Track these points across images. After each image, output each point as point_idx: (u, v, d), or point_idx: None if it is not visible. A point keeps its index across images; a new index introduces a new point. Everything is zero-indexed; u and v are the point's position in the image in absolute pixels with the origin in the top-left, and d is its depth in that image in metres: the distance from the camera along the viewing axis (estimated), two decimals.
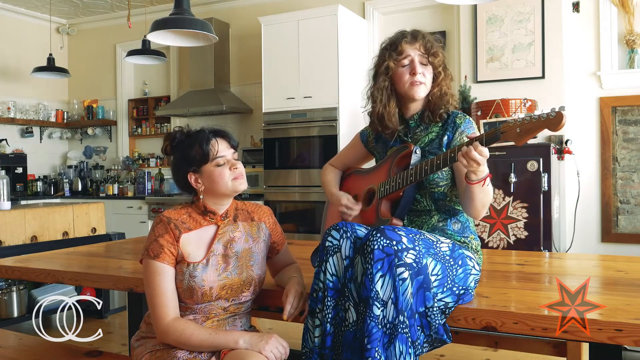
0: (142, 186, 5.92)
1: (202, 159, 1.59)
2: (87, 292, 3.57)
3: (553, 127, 1.37)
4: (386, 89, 1.78)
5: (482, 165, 1.49)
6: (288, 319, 1.58)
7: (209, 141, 1.60)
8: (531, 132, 1.41)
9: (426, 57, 1.73)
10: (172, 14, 3.10)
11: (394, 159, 1.74)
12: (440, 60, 1.75)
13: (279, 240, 1.78)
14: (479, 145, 1.46)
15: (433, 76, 1.75)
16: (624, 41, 4.04)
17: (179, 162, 1.63)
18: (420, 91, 1.73)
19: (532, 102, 3.83)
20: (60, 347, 2.06)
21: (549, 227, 3.56)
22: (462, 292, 1.52)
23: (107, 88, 6.56)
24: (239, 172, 1.62)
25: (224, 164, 1.61)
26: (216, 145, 1.60)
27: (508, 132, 1.44)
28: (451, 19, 4.60)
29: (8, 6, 6.08)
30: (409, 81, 1.73)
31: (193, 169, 1.61)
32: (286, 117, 4.71)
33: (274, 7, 5.36)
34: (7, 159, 5.81)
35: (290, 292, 1.60)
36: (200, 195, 1.63)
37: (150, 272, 1.55)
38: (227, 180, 1.60)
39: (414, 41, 1.74)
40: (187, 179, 1.62)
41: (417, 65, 1.72)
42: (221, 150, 1.61)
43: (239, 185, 1.63)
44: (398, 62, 1.75)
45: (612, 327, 1.26)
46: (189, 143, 1.61)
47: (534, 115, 1.40)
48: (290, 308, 1.57)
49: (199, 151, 1.59)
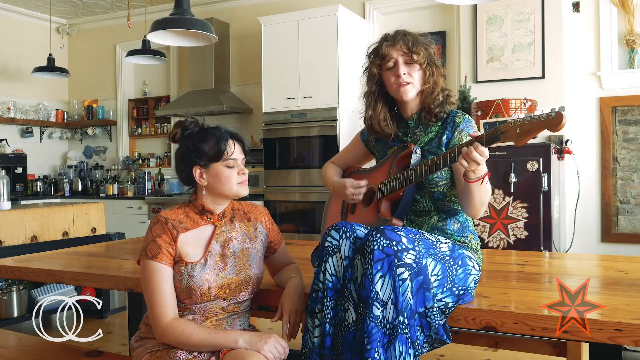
0: (142, 186, 5.92)
1: (215, 156, 1.58)
2: (87, 292, 3.56)
3: (553, 127, 1.37)
4: (373, 94, 1.79)
5: (481, 165, 1.50)
6: (288, 339, 1.59)
7: (226, 140, 1.59)
8: (531, 132, 1.40)
9: (410, 55, 1.71)
10: (172, 14, 3.10)
11: (394, 159, 1.74)
12: (423, 56, 1.71)
13: (276, 239, 1.78)
14: (479, 146, 1.46)
15: (421, 74, 1.73)
16: (624, 41, 4.04)
17: (188, 153, 1.61)
18: (408, 92, 1.72)
19: (532, 102, 3.83)
20: (60, 347, 2.06)
21: (549, 227, 3.56)
22: (462, 292, 1.52)
23: (107, 88, 6.56)
24: (245, 178, 1.63)
25: (234, 166, 1.61)
26: (233, 146, 1.60)
27: (508, 132, 1.44)
28: (451, 19, 4.60)
29: (8, 6, 6.08)
30: (395, 83, 1.73)
31: (202, 164, 1.60)
32: (286, 117, 4.71)
33: (274, 7, 5.36)
34: (7, 159, 5.82)
35: (285, 309, 1.60)
36: (203, 192, 1.62)
37: (148, 273, 1.54)
38: (233, 184, 1.60)
39: (395, 42, 1.72)
40: (192, 171, 1.60)
41: (401, 67, 1.71)
42: (235, 153, 1.61)
43: (243, 191, 1.63)
44: (383, 67, 1.75)
45: (612, 327, 1.26)
46: (202, 136, 1.60)
47: (534, 116, 1.39)
48: (289, 327, 1.58)
49: (214, 147, 1.58)
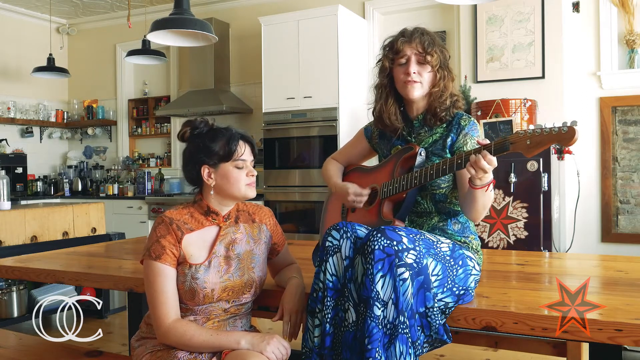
0: (142, 186, 5.92)
1: (225, 156, 1.58)
2: (87, 292, 3.56)
3: (564, 142, 1.34)
4: (384, 87, 1.79)
5: (488, 173, 1.49)
6: (289, 339, 1.59)
7: (237, 141, 1.59)
8: (541, 145, 1.38)
9: (423, 55, 1.70)
10: (172, 14, 3.10)
11: (398, 160, 1.73)
12: (436, 59, 1.70)
13: (279, 241, 1.78)
14: (488, 154, 1.45)
15: (431, 76, 1.72)
16: (624, 41, 4.04)
17: (197, 152, 1.60)
18: (415, 90, 1.71)
19: (532, 102, 3.83)
20: (60, 347, 2.06)
21: (549, 227, 3.56)
22: (462, 292, 1.52)
23: (107, 88, 6.56)
24: (253, 180, 1.62)
25: (243, 167, 1.60)
26: (243, 147, 1.60)
27: (517, 143, 1.42)
28: (451, 19, 4.60)
29: (8, 6, 6.07)
30: (403, 80, 1.72)
31: (211, 163, 1.59)
32: (286, 117, 4.71)
33: (274, 7, 5.36)
34: (7, 159, 5.81)
35: (285, 309, 1.60)
36: (211, 192, 1.61)
37: (151, 273, 1.54)
38: (241, 185, 1.60)
39: (411, 39, 1.71)
40: (200, 170, 1.59)
41: (412, 65, 1.70)
42: (245, 154, 1.60)
43: (251, 193, 1.63)
44: (395, 62, 1.74)
45: (612, 327, 1.26)
46: (213, 136, 1.59)
47: (545, 129, 1.37)
48: (290, 327, 1.59)
49: (224, 147, 1.58)
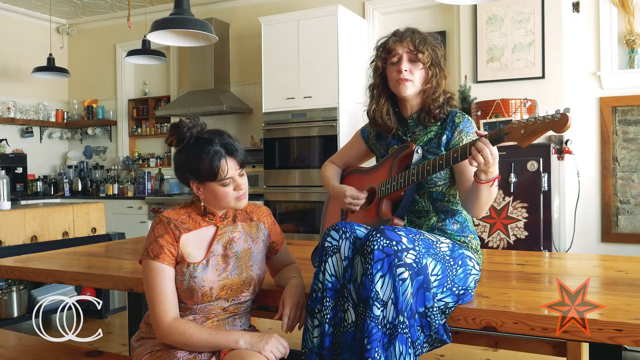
0: (142, 186, 5.92)
1: (209, 176, 1.54)
2: (87, 292, 3.56)
3: (558, 129, 1.37)
4: (377, 87, 1.81)
5: (494, 166, 1.49)
6: (287, 330, 1.59)
7: (219, 160, 1.53)
8: (535, 133, 1.40)
9: (414, 53, 1.71)
10: (172, 14, 3.10)
11: (395, 159, 1.74)
12: (427, 56, 1.71)
13: (277, 240, 1.78)
14: (489, 143, 1.45)
15: (423, 73, 1.73)
16: (624, 41, 4.04)
17: (183, 167, 1.58)
18: (407, 89, 1.72)
19: (532, 102, 3.83)
20: (60, 347, 2.06)
21: (549, 227, 3.56)
22: (462, 292, 1.52)
23: (107, 88, 6.56)
24: (242, 192, 1.60)
25: (230, 184, 1.58)
26: (226, 167, 1.54)
27: (512, 133, 1.44)
28: (451, 19, 4.60)
29: (8, 6, 6.07)
30: (395, 78, 1.73)
31: (198, 181, 1.57)
32: (286, 117, 4.71)
33: (274, 7, 5.35)
34: (7, 159, 5.81)
35: (286, 302, 1.60)
36: (202, 203, 1.62)
37: (150, 273, 1.55)
38: (230, 199, 1.59)
39: (402, 38, 1.73)
40: (189, 183, 1.60)
41: (404, 63, 1.71)
42: (230, 171, 1.55)
43: (240, 205, 1.61)
44: (388, 61, 1.76)
45: (612, 327, 1.26)
46: (197, 152, 1.54)
47: (539, 117, 1.39)
48: (288, 320, 1.58)
49: (207, 167, 1.53)
